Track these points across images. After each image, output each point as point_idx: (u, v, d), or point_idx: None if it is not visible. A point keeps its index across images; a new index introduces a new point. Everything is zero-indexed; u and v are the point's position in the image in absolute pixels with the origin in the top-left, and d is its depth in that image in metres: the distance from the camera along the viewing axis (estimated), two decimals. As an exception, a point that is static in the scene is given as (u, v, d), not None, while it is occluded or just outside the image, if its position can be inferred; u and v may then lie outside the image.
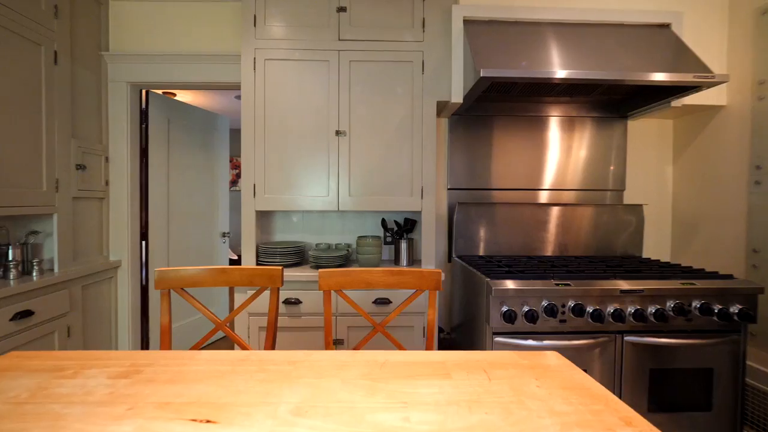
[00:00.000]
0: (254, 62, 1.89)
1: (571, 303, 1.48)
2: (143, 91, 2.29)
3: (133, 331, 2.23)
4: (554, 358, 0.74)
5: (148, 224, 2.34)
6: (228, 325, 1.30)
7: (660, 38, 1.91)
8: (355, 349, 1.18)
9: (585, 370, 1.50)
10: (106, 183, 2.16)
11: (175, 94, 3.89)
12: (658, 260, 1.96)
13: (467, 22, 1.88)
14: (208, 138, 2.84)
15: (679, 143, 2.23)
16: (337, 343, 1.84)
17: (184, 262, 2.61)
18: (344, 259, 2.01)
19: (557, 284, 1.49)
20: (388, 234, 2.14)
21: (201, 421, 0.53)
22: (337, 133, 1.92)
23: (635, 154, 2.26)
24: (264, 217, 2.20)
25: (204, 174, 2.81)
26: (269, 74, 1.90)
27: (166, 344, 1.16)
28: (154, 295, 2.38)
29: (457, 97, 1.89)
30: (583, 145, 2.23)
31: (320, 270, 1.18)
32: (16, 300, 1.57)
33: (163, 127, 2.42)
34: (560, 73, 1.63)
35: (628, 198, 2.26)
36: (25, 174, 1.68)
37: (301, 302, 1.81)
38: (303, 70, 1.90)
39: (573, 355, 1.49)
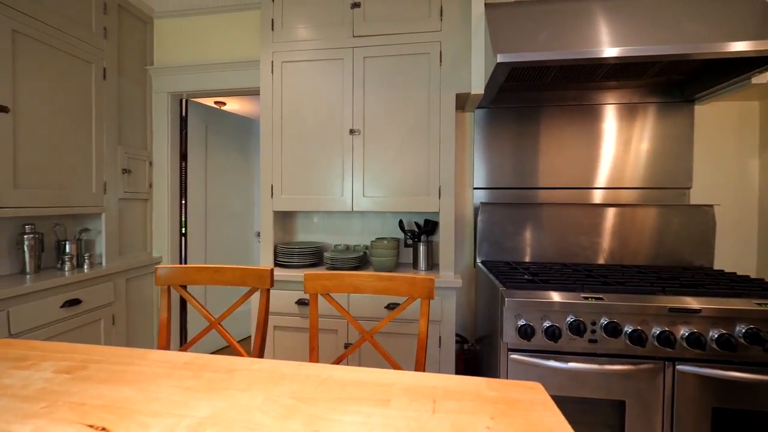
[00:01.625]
0: (272, 65, 1.92)
1: (603, 320, 1.25)
2: (183, 100, 2.47)
3: (173, 323, 2.41)
4: (530, 392, 0.60)
5: (187, 223, 2.51)
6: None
7: (737, 2, 1.56)
8: (335, 362, 1.11)
9: (623, 402, 1.26)
10: (150, 185, 2.36)
11: (224, 103, 4.17)
12: (734, 273, 1.59)
13: (489, 6, 1.72)
14: (244, 142, 2.99)
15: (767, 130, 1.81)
16: (348, 348, 1.78)
17: (221, 260, 2.77)
18: (360, 261, 1.96)
19: (586, 298, 1.27)
20: (408, 236, 2.04)
21: (96, 428, 0.50)
22: (351, 131, 1.87)
23: (705, 144, 1.88)
24: (286, 217, 2.23)
25: (240, 176, 2.95)
26: (286, 76, 1.92)
27: (164, 339, 1.20)
28: (191, 290, 2.55)
29: (477, 89, 1.74)
30: (636, 137, 1.92)
31: (305, 272, 1.14)
32: (67, 289, 1.77)
33: (201, 133, 2.59)
34: (595, 51, 1.40)
35: (696, 197, 1.89)
36: (78, 177, 1.89)
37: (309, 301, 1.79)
38: (318, 70, 1.89)
39: (607, 382, 1.26)
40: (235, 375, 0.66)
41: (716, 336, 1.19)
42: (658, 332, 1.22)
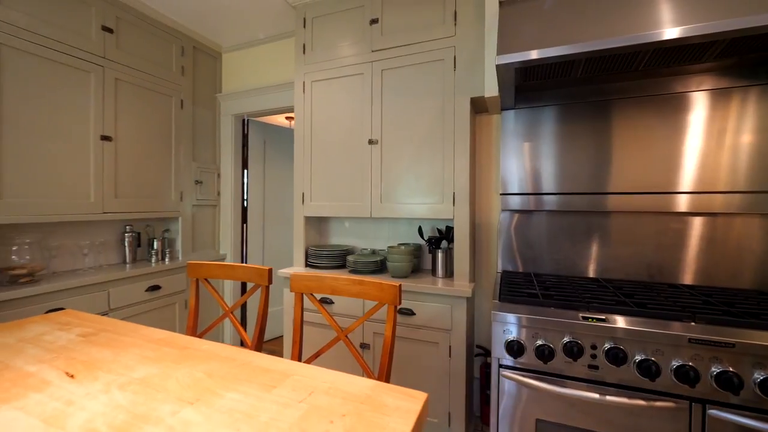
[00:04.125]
0: (303, 85, 2.14)
1: (607, 345, 1.11)
2: (245, 120, 2.88)
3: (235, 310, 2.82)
4: (404, 400, 0.61)
5: (247, 226, 2.91)
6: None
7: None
8: (316, 354, 1.21)
9: (635, 443, 1.09)
10: (218, 194, 2.81)
11: (294, 118, 4.64)
12: (829, 303, 1.23)
13: (504, 3, 1.64)
14: (298, 154, 3.31)
15: None
16: (364, 347, 1.87)
17: (276, 258, 3.12)
18: (379, 265, 2.04)
19: (586, 318, 1.14)
20: (426, 243, 2.04)
21: (68, 375, 0.69)
22: (370, 142, 1.97)
23: (801, 136, 1.48)
24: (321, 222, 2.43)
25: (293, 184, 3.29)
26: (315, 94, 2.12)
27: (191, 321, 1.45)
28: (249, 285, 2.93)
29: (491, 91, 1.67)
30: (705, 131, 1.60)
31: (292, 273, 1.27)
32: (151, 277, 2.23)
33: (259, 147, 2.98)
34: (622, 39, 1.24)
35: (788, 204, 1.49)
36: (161, 188, 2.38)
37: (333, 302, 1.93)
38: (341, 86, 2.04)
39: (613, 415, 1.11)
40: (184, 352, 0.81)
41: (760, 379, 0.95)
42: (676, 366, 1.03)
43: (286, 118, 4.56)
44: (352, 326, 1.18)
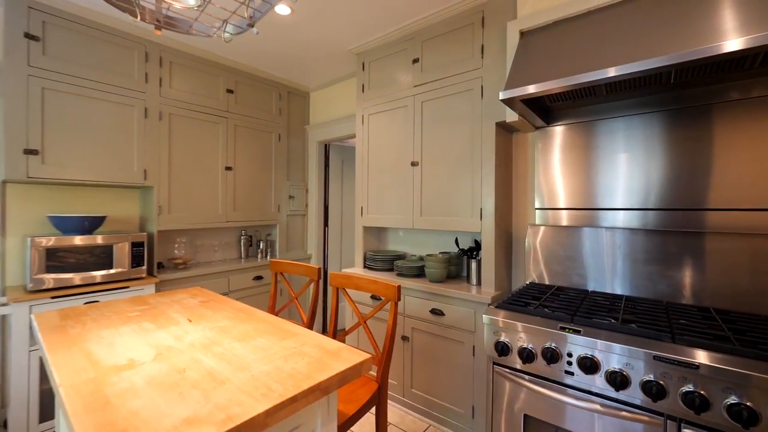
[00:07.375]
0: (362, 118, 2.60)
1: (580, 354, 1.22)
2: (326, 145, 3.51)
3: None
4: (352, 355, 0.95)
5: (327, 232, 3.53)
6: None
7: None
8: (345, 333, 1.60)
9: (610, 449, 1.18)
10: (306, 206, 3.50)
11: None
12: None
13: (525, 34, 1.78)
14: (370, 169, 3.81)
15: None
16: (405, 339, 2.21)
17: (350, 259, 3.67)
18: (420, 270, 2.34)
19: (563, 328, 1.26)
20: (461, 253, 2.26)
21: (189, 320, 1.25)
22: (412, 164, 2.30)
23: None
24: (380, 231, 2.84)
25: (367, 196, 3.79)
26: (371, 125, 2.55)
27: (271, 302, 2.03)
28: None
29: (512, 117, 1.83)
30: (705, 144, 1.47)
31: (330, 272, 1.70)
32: (256, 269, 2.99)
33: (338, 166, 3.58)
34: (609, 71, 1.32)
35: None
36: (264, 203, 3.14)
37: (380, 299, 2.32)
38: (390, 117, 2.43)
39: (583, 419, 1.21)
40: (249, 316, 1.31)
41: (728, 404, 0.97)
42: (644, 380, 1.09)
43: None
44: (369, 314, 1.55)
